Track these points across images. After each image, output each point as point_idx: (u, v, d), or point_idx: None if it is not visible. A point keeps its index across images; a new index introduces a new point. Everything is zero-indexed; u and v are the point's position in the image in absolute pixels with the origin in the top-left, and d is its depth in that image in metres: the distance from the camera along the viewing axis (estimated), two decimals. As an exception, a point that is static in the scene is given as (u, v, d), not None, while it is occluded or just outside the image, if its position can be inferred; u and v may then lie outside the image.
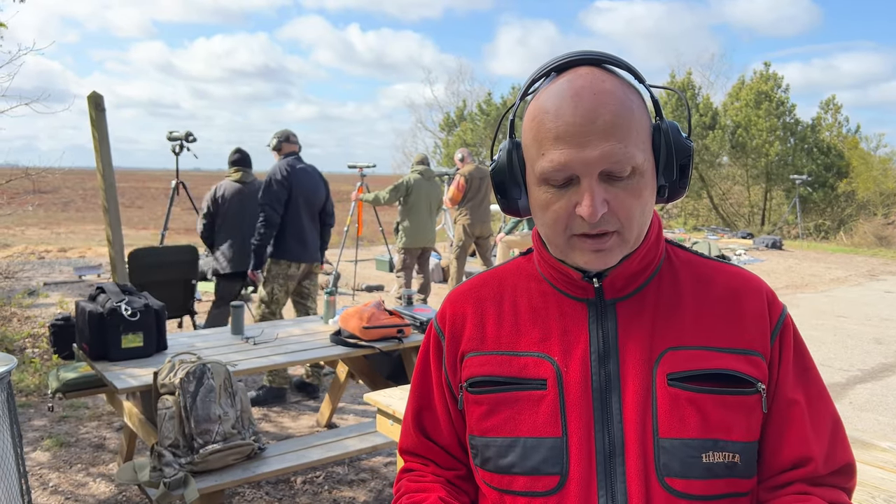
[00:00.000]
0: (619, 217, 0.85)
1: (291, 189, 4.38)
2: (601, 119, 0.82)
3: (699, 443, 0.87)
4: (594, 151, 0.82)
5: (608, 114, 0.83)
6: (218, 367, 2.64)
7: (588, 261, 0.88)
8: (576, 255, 0.89)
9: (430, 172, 6.65)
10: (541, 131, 0.86)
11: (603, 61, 0.88)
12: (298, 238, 4.43)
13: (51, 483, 3.21)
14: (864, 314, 7.70)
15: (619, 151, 0.82)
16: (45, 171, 6.07)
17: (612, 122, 0.83)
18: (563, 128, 0.83)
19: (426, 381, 1.08)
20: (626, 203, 0.85)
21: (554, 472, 0.89)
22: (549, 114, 0.85)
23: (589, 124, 0.82)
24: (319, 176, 4.63)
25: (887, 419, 4.40)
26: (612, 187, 0.84)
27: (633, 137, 0.84)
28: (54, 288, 8.00)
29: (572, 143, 0.83)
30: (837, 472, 0.94)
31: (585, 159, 0.82)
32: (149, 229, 16.99)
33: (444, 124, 22.01)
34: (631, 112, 0.85)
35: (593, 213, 0.83)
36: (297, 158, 4.52)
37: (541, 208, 0.89)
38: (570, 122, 0.83)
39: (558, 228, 0.88)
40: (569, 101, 0.84)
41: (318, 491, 3.20)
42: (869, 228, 17.32)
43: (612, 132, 0.82)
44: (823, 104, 20.64)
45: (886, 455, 1.68)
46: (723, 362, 0.90)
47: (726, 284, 0.96)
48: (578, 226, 0.86)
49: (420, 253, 6.60)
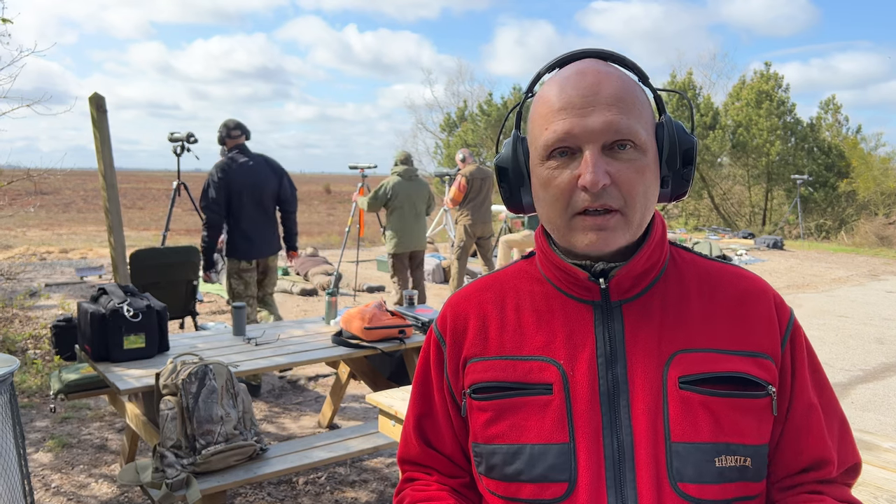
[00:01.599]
0: (622, 191, 0.85)
1: (230, 187, 4.42)
2: (604, 91, 0.85)
3: (712, 447, 0.85)
4: (597, 119, 0.84)
5: (611, 87, 0.85)
6: (220, 367, 2.64)
7: (590, 241, 0.86)
8: (577, 237, 0.87)
9: (410, 172, 6.21)
10: (545, 107, 0.88)
11: (608, 58, 0.91)
12: (245, 236, 4.53)
13: (53, 484, 3.21)
14: (866, 314, 7.70)
15: (621, 122, 0.84)
16: (46, 172, 6.07)
17: (616, 94, 0.85)
18: (567, 99, 0.86)
19: (427, 388, 1.05)
20: (629, 177, 0.85)
21: (562, 479, 0.87)
22: (552, 92, 0.88)
23: (592, 95, 0.85)
24: (268, 165, 4.62)
25: (889, 419, 4.39)
26: (616, 161, 0.85)
27: (636, 114, 0.86)
28: (56, 289, 8.01)
29: (575, 112, 0.85)
30: (846, 472, 0.96)
31: (588, 126, 0.84)
32: (150, 230, 16.99)
33: (444, 125, 22.00)
34: (634, 92, 0.87)
35: (595, 180, 0.82)
36: (240, 152, 4.51)
37: (542, 187, 0.89)
38: (573, 94, 0.86)
39: (560, 206, 0.87)
40: (573, 78, 0.87)
41: (320, 492, 3.20)
42: (870, 228, 17.30)
43: (615, 103, 0.84)
44: (823, 104, 20.64)
45: (889, 455, 1.68)
46: (734, 365, 0.88)
47: (733, 286, 0.95)
48: (581, 201, 0.85)
49: (410, 257, 6.28)
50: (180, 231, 15.22)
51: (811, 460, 0.93)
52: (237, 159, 4.48)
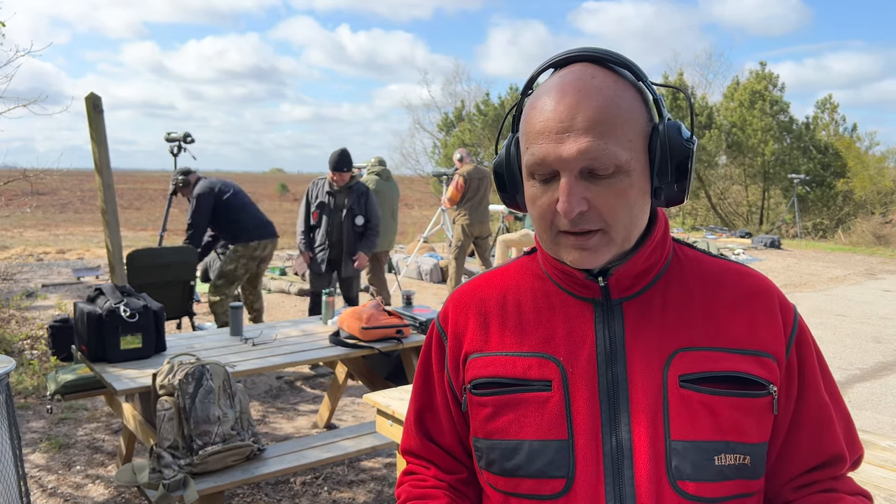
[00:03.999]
0: (603, 215, 0.84)
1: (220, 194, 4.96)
2: (581, 115, 0.82)
3: (712, 445, 0.86)
4: (572, 147, 0.82)
5: (589, 110, 0.82)
6: (217, 368, 2.64)
7: (574, 259, 0.87)
8: (562, 252, 0.88)
9: (387, 172, 6.61)
10: (527, 126, 0.87)
11: (602, 59, 0.87)
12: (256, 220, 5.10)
13: (49, 485, 3.20)
14: (863, 313, 7.71)
15: (597, 148, 0.81)
16: (42, 172, 6.05)
17: (593, 118, 0.82)
18: (544, 123, 0.84)
19: (428, 382, 1.06)
20: (609, 202, 0.83)
21: (560, 475, 0.88)
22: (535, 109, 0.86)
23: (568, 120, 0.82)
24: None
25: (887, 418, 4.40)
26: (595, 185, 0.83)
27: (618, 135, 0.82)
28: (53, 289, 7.99)
29: (551, 138, 0.83)
30: (853, 464, 0.97)
31: (562, 155, 0.82)
32: (147, 230, 16.97)
33: (442, 124, 21.99)
34: (618, 109, 0.83)
35: (569, 209, 0.82)
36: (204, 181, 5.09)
37: (530, 202, 0.89)
38: (550, 117, 0.84)
39: (544, 224, 0.88)
40: (553, 97, 0.84)
41: (318, 492, 3.19)
42: (867, 227, 17.34)
43: (592, 129, 0.81)
44: (820, 103, 20.68)
45: (886, 454, 1.68)
46: (735, 364, 0.88)
47: (737, 285, 0.94)
48: (562, 223, 0.85)
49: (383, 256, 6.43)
50: (177, 231, 15.18)
51: (827, 457, 0.94)
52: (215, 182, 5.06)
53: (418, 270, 9.44)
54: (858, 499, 0.92)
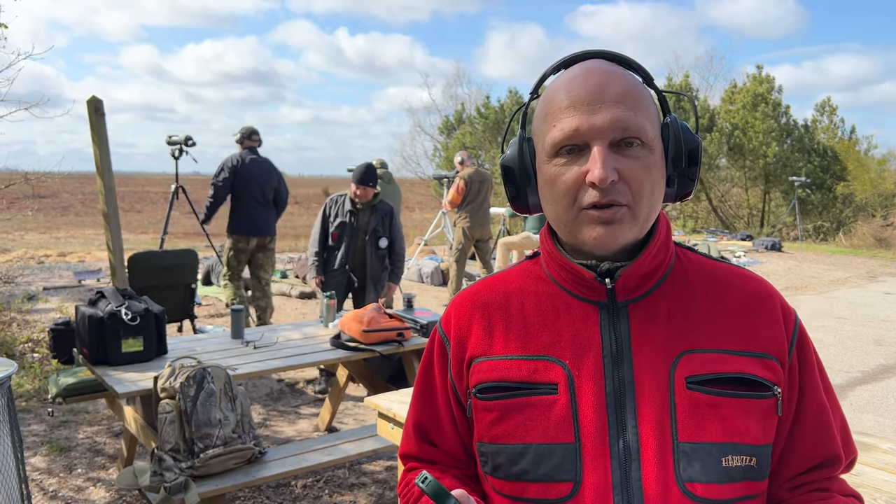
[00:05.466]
0: (630, 188, 0.85)
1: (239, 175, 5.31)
2: (611, 89, 0.86)
3: (719, 447, 0.86)
4: (605, 116, 0.84)
5: (618, 86, 0.86)
6: (218, 371, 2.64)
7: (597, 235, 0.86)
8: (584, 231, 0.87)
9: (389, 175, 6.79)
10: (552, 106, 0.89)
11: (612, 59, 0.92)
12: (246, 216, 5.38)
13: (50, 488, 3.20)
14: (864, 315, 7.71)
15: (629, 118, 0.85)
16: (44, 175, 6.05)
17: (623, 92, 0.86)
18: (575, 97, 0.87)
19: (430, 387, 1.05)
20: (637, 175, 0.85)
21: (567, 479, 0.87)
22: (559, 91, 0.89)
23: (599, 93, 0.86)
24: (270, 166, 5.57)
25: (888, 420, 4.40)
26: (623, 158, 0.85)
27: (643, 112, 0.87)
28: (54, 293, 8.00)
29: (583, 110, 0.85)
30: (847, 466, 0.98)
31: (595, 124, 0.84)
32: (148, 233, 16.99)
33: (442, 127, 22.00)
34: (640, 91, 0.88)
35: (604, 176, 0.83)
36: (251, 152, 5.47)
37: (549, 185, 0.89)
38: (580, 92, 0.86)
39: (566, 202, 0.87)
40: (580, 77, 0.88)
41: (319, 495, 3.19)
42: (868, 230, 17.33)
43: (622, 101, 0.85)
44: (819, 106, 20.68)
45: (887, 457, 1.68)
46: (740, 366, 0.89)
47: (739, 288, 0.95)
48: (588, 196, 0.85)
49: None
50: (178, 234, 15.21)
51: (823, 458, 0.95)
52: (247, 157, 5.42)
53: (419, 273, 9.44)
54: (850, 500, 0.93)
